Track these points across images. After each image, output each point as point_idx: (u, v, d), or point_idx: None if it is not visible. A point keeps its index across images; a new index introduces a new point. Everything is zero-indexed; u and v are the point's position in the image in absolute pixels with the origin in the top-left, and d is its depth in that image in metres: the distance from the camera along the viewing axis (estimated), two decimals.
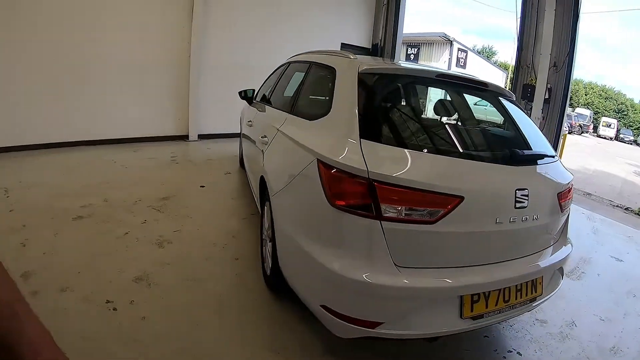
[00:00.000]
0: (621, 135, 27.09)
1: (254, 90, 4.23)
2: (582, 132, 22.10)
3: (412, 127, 1.90)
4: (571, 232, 4.34)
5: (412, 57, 21.11)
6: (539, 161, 1.92)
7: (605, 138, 26.07)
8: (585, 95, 32.99)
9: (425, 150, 1.62)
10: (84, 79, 5.47)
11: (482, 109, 2.29)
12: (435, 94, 2.33)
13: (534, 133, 2.14)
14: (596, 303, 2.78)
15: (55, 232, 2.92)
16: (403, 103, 2.11)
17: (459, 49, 19.29)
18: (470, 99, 2.33)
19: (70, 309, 2.08)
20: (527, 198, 1.67)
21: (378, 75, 1.94)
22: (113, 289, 2.28)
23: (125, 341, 1.88)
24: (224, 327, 2.05)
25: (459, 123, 2.23)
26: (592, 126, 27.55)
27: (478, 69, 20.41)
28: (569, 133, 19.52)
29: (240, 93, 4.20)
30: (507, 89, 2.34)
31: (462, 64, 19.47)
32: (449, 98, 2.34)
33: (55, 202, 3.44)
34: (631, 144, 26.29)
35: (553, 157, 2.03)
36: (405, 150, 1.58)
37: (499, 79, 21.95)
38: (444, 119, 2.08)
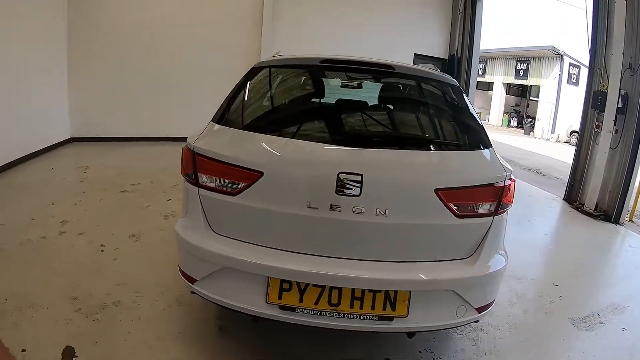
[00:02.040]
0: None
1: None
2: None
3: (257, 111, 2.01)
4: (624, 271, 3.48)
5: (521, 73, 19.42)
6: (412, 146, 1.75)
7: None
8: None
9: (250, 130, 1.73)
10: (171, 86, 6.69)
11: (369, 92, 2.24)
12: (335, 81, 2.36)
13: (448, 120, 1.98)
14: None
15: (101, 199, 3.78)
16: (268, 91, 2.17)
17: (570, 64, 16.92)
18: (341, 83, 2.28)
19: (76, 245, 2.81)
20: (358, 185, 1.49)
21: (260, 68, 2.14)
22: (111, 239, 2.94)
23: (92, 269, 2.49)
24: (162, 277, 2.46)
25: (306, 106, 2.18)
26: None
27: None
28: None
29: None
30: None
31: (574, 81, 16.95)
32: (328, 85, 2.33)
33: (115, 179, 4.40)
34: None
35: (461, 146, 1.80)
36: (235, 129, 1.76)
37: None
38: (292, 103, 2.11)
